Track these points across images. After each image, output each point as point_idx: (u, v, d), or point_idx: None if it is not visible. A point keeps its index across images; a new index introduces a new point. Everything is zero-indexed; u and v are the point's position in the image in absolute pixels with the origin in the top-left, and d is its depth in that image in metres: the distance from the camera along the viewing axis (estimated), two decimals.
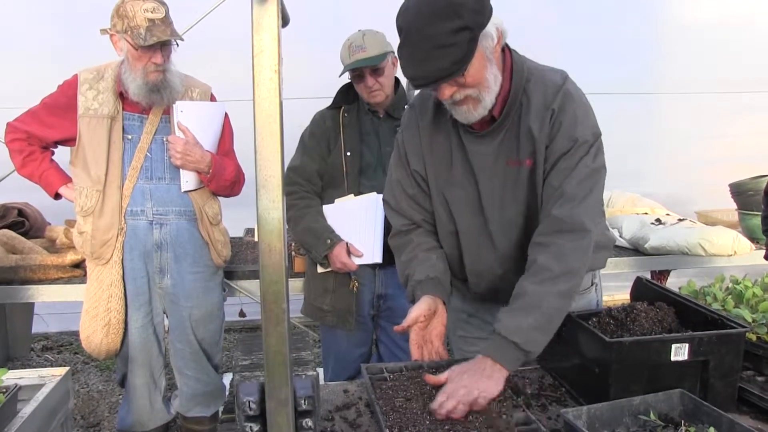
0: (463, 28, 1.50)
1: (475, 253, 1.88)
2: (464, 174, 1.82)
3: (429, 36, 1.51)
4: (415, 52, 1.55)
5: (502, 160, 1.76)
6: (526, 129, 1.71)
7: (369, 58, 2.54)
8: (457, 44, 1.51)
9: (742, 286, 1.93)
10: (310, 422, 1.35)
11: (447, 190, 1.86)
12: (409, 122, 1.91)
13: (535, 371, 1.90)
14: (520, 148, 1.73)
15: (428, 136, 1.85)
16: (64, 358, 4.64)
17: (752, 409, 1.61)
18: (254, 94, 1.02)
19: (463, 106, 1.66)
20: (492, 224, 1.82)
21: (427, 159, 1.86)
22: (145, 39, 2.44)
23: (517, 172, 1.76)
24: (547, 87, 1.71)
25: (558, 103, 1.68)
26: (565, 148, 1.67)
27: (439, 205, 1.90)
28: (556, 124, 1.68)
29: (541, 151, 1.70)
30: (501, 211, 1.80)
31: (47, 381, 1.83)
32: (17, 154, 2.71)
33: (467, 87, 1.61)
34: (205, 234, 2.78)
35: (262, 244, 1.07)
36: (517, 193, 1.78)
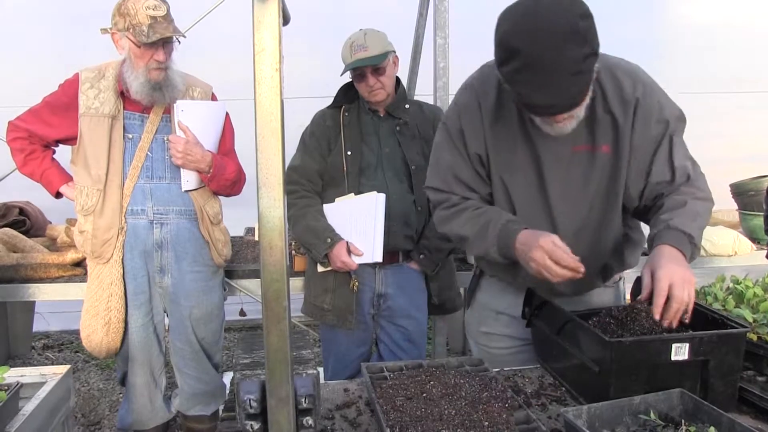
0: (590, 54, 1.49)
1: None
2: (527, 159, 1.81)
3: (563, 62, 1.46)
4: (549, 80, 1.48)
5: (568, 147, 1.77)
6: (603, 116, 1.74)
7: (371, 57, 2.54)
8: (587, 71, 1.50)
9: (743, 286, 1.93)
10: (310, 420, 1.36)
11: (507, 175, 1.84)
12: (468, 104, 1.85)
13: (535, 370, 1.90)
14: (596, 134, 1.76)
15: (491, 119, 1.82)
16: (64, 356, 4.65)
17: (752, 409, 1.61)
18: (255, 93, 1.03)
19: (559, 124, 1.64)
20: (555, 210, 1.83)
21: (489, 142, 1.83)
22: (148, 36, 2.44)
23: (588, 159, 1.78)
24: (623, 77, 1.75)
25: (640, 92, 1.74)
26: (662, 131, 1.75)
27: (498, 190, 1.87)
28: (643, 113, 1.74)
29: (624, 139, 1.74)
30: (566, 197, 1.81)
31: (48, 379, 1.83)
32: (18, 153, 2.71)
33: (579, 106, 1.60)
34: (206, 233, 2.78)
35: (263, 242, 1.07)
36: (588, 180, 1.79)
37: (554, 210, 1.83)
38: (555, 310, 1.82)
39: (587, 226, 1.85)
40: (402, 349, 2.79)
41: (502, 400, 1.55)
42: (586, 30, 1.48)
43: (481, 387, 1.62)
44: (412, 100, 2.85)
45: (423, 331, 2.86)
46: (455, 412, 1.49)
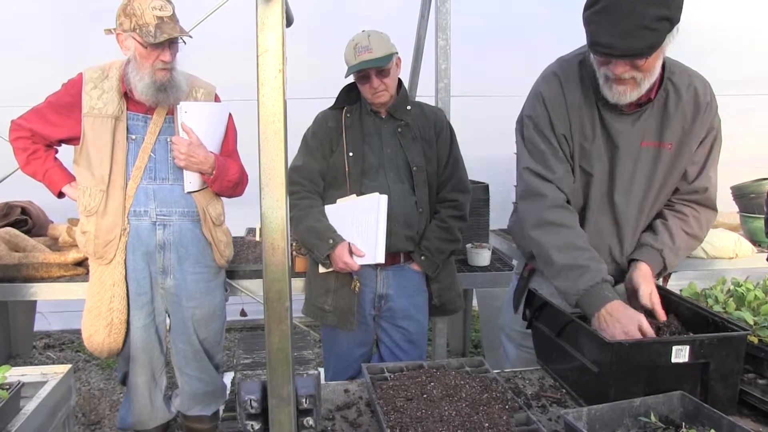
0: (666, 18, 1.62)
1: (598, 229, 1.98)
2: (604, 149, 1.92)
3: (637, 14, 1.61)
4: (617, 23, 1.63)
5: (637, 141, 1.89)
6: (674, 115, 1.87)
7: (375, 59, 2.54)
8: (657, 30, 1.62)
9: (743, 288, 1.93)
10: (311, 421, 1.36)
11: (586, 164, 1.94)
12: (553, 90, 1.94)
13: (535, 372, 1.90)
14: (664, 131, 1.88)
15: (575, 108, 1.92)
16: (65, 356, 4.65)
17: (753, 412, 1.62)
18: (258, 94, 1.03)
19: (621, 86, 1.76)
20: (620, 201, 1.94)
21: (573, 130, 1.93)
22: (155, 36, 2.44)
23: (654, 154, 1.90)
24: (696, 82, 1.91)
25: (709, 96, 1.92)
26: (708, 136, 1.93)
27: (578, 178, 1.97)
28: (707, 116, 1.91)
29: (689, 138, 1.89)
30: (632, 189, 1.93)
31: (50, 378, 1.83)
32: (21, 152, 2.71)
33: (639, 70, 1.72)
34: (208, 235, 2.78)
35: (266, 242, 1.08)
36: (652, 175, 1.92)
37: (617, 202, 1.94)
38: (556, 311, 1.82)
39: (642, 221, 1.99)
40: (403, 350, 2.79)
41: (503, 401, 1.55)
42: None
43: (481, 388, 1.62)
44: (413, 102, 2.85)
45: (424, 333, 2.86)
46: (455, 413, 1.49)
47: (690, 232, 1.96)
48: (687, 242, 1.96)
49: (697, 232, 1.98)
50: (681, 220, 1.97)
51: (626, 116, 1.88)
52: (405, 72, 4.06)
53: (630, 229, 1.99)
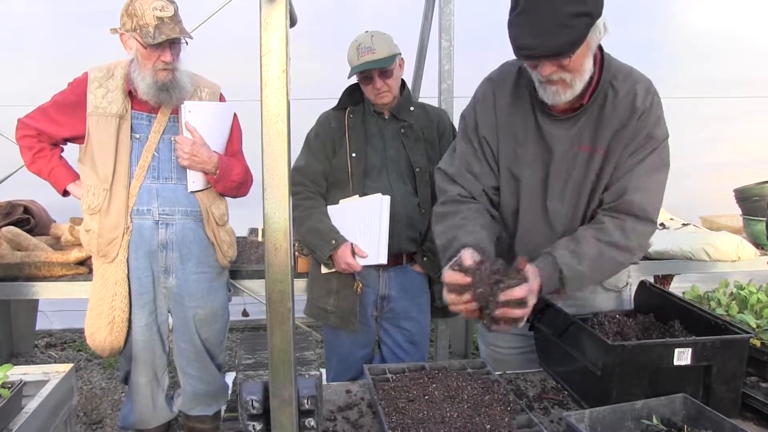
0: (585, 14, 1.58)
1: (532, 232, 1.93)
2: (536, 154, 1.88)
3: (553, 13, 1.58)
4: (535, 26, 1.60)
5: (575, 146, 1.84)
6: (609, 120, 1.81)
7: (378, 60, 2.54)
8: (576, 27, 1.59)
9: (746, 291, 1.93)
10: (312, 422, 1.36)
11: (516, 168, 1.91)
12: (485, 95, 1.94)
13: (537, 374, 1.90)
14: (598, 136, 1.82)
15: (504, 112, 1.90)
16: (67, 355, 4.66)
17: (756, 415, 1.61)
18: (262, 94, 1.03)
19: (553, 87, 1.73)
20: (554, 206, 1.89)
21: (500, 134, 1.91)
22: (154, 37, 2.44)
23: (588, 159, 1.84)
24: (638, 87, 1.82)
25: (648, 102, 1.81)
26: (641, 144, 1.81)
27: (505, 183, 1.94)
28: (641, 123, 1.80)
29: (621, 143, 1.81)
30: (567, 194, 1.87)
31: (51, 377, 1.83)
32: (27, 151, 2.72)
33: (566, 70, 1.68)
34: (211, 234, 2.78)
35: (268, 243, 1.08)
36: (584, 180, 1.86)
37: (552, 206, 1.89)
38: (558, 313, 1.82)
39: (574, 226, 1.90)
40: (405, 351, 2.79)
41: (505, 403, 1.55)
42: None
43: (483, 390, 1.62)
44: (416, 103, 2.85)
45: (426, 334, 2.86)
46: (457, 414, 1.49)
47: (609, 241, 1.76)
48: (600, 249, 1.76)
49: (619, 241, 1.76)
50: (595, 229, 1.79)
51: (562, 121, 1.84)
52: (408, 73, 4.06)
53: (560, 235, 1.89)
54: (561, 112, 1.84)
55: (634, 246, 1.79)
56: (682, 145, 5.14)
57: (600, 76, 1.80)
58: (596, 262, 1.75)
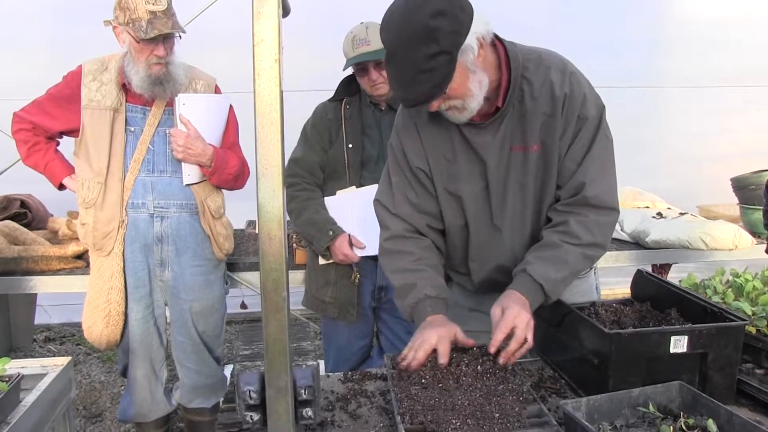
0: (439, 53, 1.52)
1: (484, 243, 1.89)
2: (470, 167, 1.82)
3: (409, 60, 1.54)
4: (398, 75, 1.59)
5: (507, 148, 1.78)
6: (534, 114, 1.74)
7: (374, 51, 2.53)
8: (436, 68, 1.53)
9: (742, 279, 1.93)
10: (310, 412, 1.36)
11: (452, 186, 1.85)
12: (404, 123, 1.88)
13: (534, 363, 1.90)
14: (527, 133, 1.76)
15: (428, 134, 1.84)
16: (66, 349, 4.67)
17: (751, 401, 1.62)
18: (254, 84, 1.03)
19: (450, 112, 1.69)
20: (501, 212, 1.83)
21: (429, 157, 1.85)
22: (146, 32, 2.43)
23: (523, 159, 1.78)
24: (552, 71, 1.74)
25: (567, 87, 1.72)
26: (578, 128, 1.74)
27: (445, 202, 1.88)
28: (569, 108, 1.73)
29: (553, 135, 1.74)
30: (510, 198, 1.82)
31: (49, 370, 1.83)
32: (23, 144, 2.71)
33: (451, 99, 1.64)
34: (207, 227, 2.77)
35: (263, 232, 1.08)
36: (525, 179, 1.79)
37: (499, 212, 1.84)
38: (554, 302, 1.82)
39: (530, 226, 1.86)
40: (403, 341, 2.76)
41: (518, 393, 1.55)
42: (435, 29, 1.50)
43: (499, 380, 1.63)
44: None
45: None
46: (468, 402, 1.50)
47: (578, 243, 1.72)
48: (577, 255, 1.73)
49: (590, 239, 1.73)
50: (561, 233, 1.75)
51: (485, 128, 1.77)
52: None
53: (509, 239, 1.86)
54: (482, 118, 1.77)
55: (601, 240, 1.77)
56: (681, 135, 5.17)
57: (509, 74, 1.71)
58: (570, 265, 1.73)
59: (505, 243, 1.86)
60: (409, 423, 1.42)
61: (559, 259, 1.71)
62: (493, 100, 1.73)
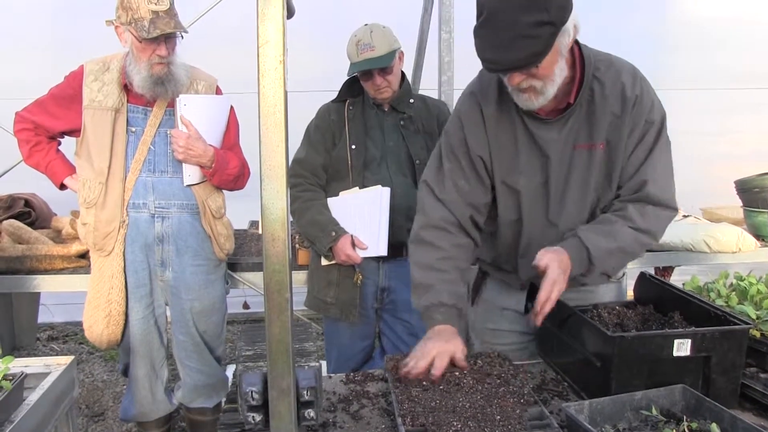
0: (547, 23, 1.53)
1: (537, 239, 1.89)
2: (531, 161, 1.83)
3: (514, 24, 1.53)
4: (496, 38, 1.57)
5: (570, 145, 1.81)
6: (602, 113, 1.77)
7: (378, 58, 2.52)
8: (540, 37, 1.54)
9: (746, 282, 1.93)
10: (312, 413, 1.36)
11: (511, 178, 1.86)
12: (470, 110, 1.87)
13: (537, 365, 1.90)
14: (594, 131, 1.79)
15: (493, 124, 1.84)
16: (69, 348, 4.67)
17: (755, 405, 1.61)
18: (259, 84, 1.03)
19: (524, 94, 1.69)
20: (559, 208, 1.85)
21: (492, 148, 1.85)
22: (148, 31, 2.42)
23: (588, 156, 1.81)
24: (624, 74, 1.79)
25: (638, 89, 1.78)
26: (643, 132, 1.79)
27: (501, 195, 1.89)
28: (637, 110, 1.78)
29: (620, 134, 1.78)
30: (570, 195, 1.84)
31: (53, 369, 1.83)
32: (24, 144, 2.72)
33: (535, 78, 1.64)
34: (208, 228, 2.77)
35: (266, 233, 1.08)
36: (587, 177, 1.82)
37: (557, 209, 1.85)
38: (558, 304, 1.82)
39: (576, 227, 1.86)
40: (405, 342, 2.79)
41: (519, 395, 1.55)
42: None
43: (500, 382, 1.63)
44: (416, 95, 2.84)
45: None
46: (469, 404, 1.50)
47: (633, 226, 1.78)
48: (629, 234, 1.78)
49: (645, 226, 1.79)
50: (618, 215, 1.81)
51: (552, 124, 1.79)
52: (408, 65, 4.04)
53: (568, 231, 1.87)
54: (549, 114, 1.80)
55: (654, 229, 1.82)
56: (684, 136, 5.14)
57: (582, 72, 1.76)
58: (620, 241, 1.77)
59: (560, 237, 1.86)
60: (410, 425, 1.42)
61: (610, 233, 1.76)
62: (561, 98, 1.76)
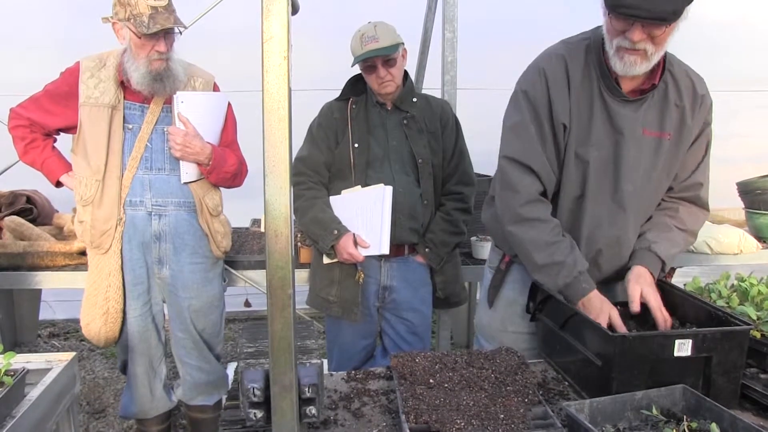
0: None
1: (601, 218, 1.91)
2: (604, 135, 1.86)
3: None
4: None
5: (639, 129, 1.85)
6: (672, 105, 1.85)
7: (382, 48, 2.53)
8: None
9: (747, 283, 1.93)
10: (313, 410, 1.36)
11: (583, 150, 1.87)
12: (557, 74, 1.85)
13: (538, 364, 1.90)
14: (664, 120, 1.85)
15: (577, 92, 1.85)
16: (70, 344, 4.68)
17: (755, 406, 1.61)
18: (263, 81, 1.03)
19: (632, 56, 1.71)
20: (623, 190, 1.88)
21: (573, 116, 1.86)
22: (148, 27, 2.42)
23: (655, 143, 1.87)
24: (690, 72, 1.91)
25: (705, 88, 1.91)
26: (701, 131, 1.93)
27: (572, 168, 1.89)
28: (702, 109, 1.90)
29: (687, 129, 1.87)
30: (636, 177, 1.88)
31: (54, 365, 1.84)
32: (20, 141, 2.69)
33: (653, 41, 1.68)
34: (205, 225, 2.77)
35: (269, 230, 1.08)
36: (653, 164, 1.88)
37: (622, 190, 1.88)
38: (559, 304, 1.82)
39: (647, 210, 1.96)
40: (406, 341, 2.80)
41: (523, 394, 1.55)
42: None
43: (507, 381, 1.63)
44: (419, 94, 2.84)
45: (428, 325, 2.86)
46: (473, 403, 1.51)
47: (683, 228, 1.94)
48: (682, 238, 1.94)
49: (691, 227, 1.96)
50: (671, 217, 1.95)
51: (629, 103, 1.83)
52: (411, 64, 4.05)
53: (634, 218, 1.92)
54: (629, 93, 1.83)
55: (696, 230, 1.99)
56: None
57: (664, 60, 1.82)
58: (678, 246, 1.93)
59: (626, 223, 1.91)
60: (413, 422, 1.42)
61: (673, 240, 1.91)
62: (647, 78, 1.81)
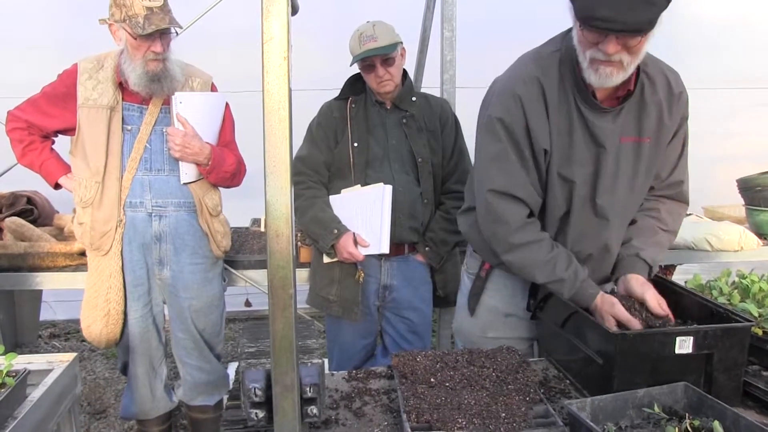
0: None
1: (583, 234, 1.90)
2: (586, 151, 1.82)
3: None
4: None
5: (617, 138, 1.82)
6: (650, 107, 1.81)
7: (380, 47, 2.53)
8: (657, 5, 1.54)
9: (748, 280, 1.93)
10: (315, 409, 1.36)
11: (566, 169, 1.83)
12: (533, 100, 1.79)
13: (539, 363, 1.90)
14: (642, 125, 1.82)
15: (555, 113, 1.80)
16: (71, 345, 4.68)
17: (757, 403, 1.61)
18: (263, 81, 1.03)
19: (608, 68, 1.65)
20: (611, 202, 1.86)
21: (553, 137, 1.81)
22: (143, 28, 2.41)
23: (634, 149, 1.83)
24: (665, 69, 1.86)
25: (681, 85, 1.87)
26: (679, 126, 1.90)
27: (555, 187, 1.85)
28: (678, 106, 1.86)
29: (666, 128, 1.84)
30: (617, 188, 1.85)
31: (55, 366, 1.84)
32: (18, 144, 2.68)
33: (628, 52, 1.62)
34: (205, 225, 2.76)
35: (270, 230, 1.08)
36: (634, 170, 1.85)
37: (605, 202, 1.85)
38: (560, 302, 1.82)
39: (631, 215, 1.95)
40: (407, 340, 2.80)
41: (525, 393, 1.55)
42: None
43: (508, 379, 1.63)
44: (418, 93, 2.85)
45: (428, 324, 2.87)
46: (474, 402, 1.51)
47: (666, 229, 1.95)
48: (666, 239, 1.96)
49: (673, 228, 1.98)
50: (655, 218, 1.95)
51: (607, 113, 1.78)
52: (410, 63, 4.04)
53: (616, 227, 1.91)
54: (605, 101, 1.78)
55: (678, 229, 2.01)
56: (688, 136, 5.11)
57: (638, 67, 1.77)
58: (664, 246, 1.95)
59: (611, 232, 1.90)
60: (415, 421, 1.42)
61: (659, 243, 1.94)
62: (622, 85, 1.76)
